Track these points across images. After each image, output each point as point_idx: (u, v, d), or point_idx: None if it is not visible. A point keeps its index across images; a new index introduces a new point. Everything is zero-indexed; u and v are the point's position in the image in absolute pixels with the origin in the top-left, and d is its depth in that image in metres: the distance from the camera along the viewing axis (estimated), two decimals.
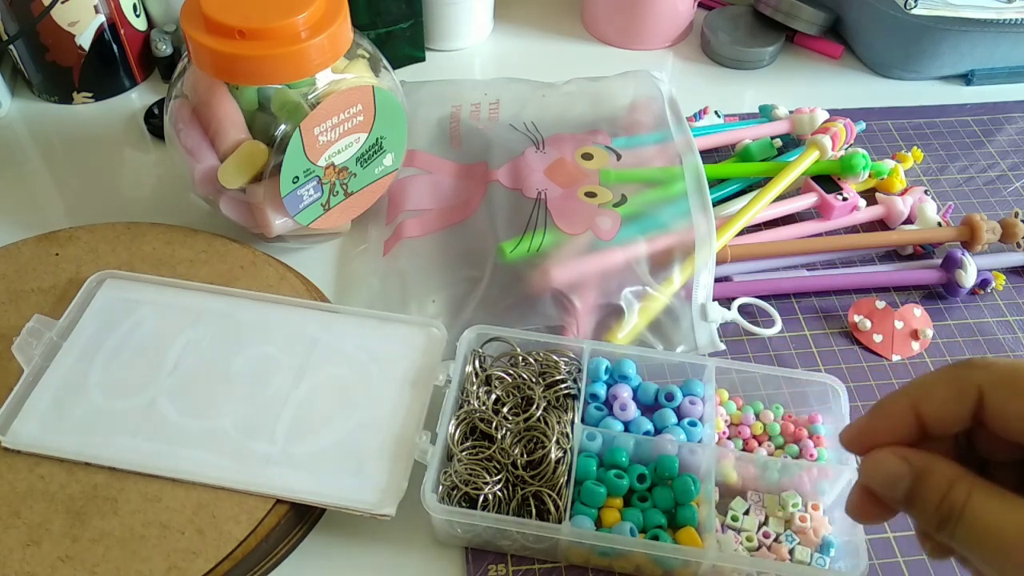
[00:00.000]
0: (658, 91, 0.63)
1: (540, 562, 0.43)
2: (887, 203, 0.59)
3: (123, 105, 0.68)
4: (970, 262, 0.54)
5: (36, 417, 0.44)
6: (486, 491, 0.41)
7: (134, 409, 0.44)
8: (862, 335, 0.53)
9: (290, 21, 0.46)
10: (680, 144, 0.58)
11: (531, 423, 0.43)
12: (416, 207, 0.58)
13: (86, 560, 0.39)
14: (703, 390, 0.46)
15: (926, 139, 0.67)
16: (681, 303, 0.51)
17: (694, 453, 0.43)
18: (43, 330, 0.47)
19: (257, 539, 0.40)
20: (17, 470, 0.42)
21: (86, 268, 0.51)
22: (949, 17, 0.67)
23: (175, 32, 0.68)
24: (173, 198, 0.61)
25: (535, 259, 0.51)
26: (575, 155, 0.58)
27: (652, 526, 0.41)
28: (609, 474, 0.42)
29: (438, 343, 0.48)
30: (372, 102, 0.51)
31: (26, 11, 0.61)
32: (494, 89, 0.66)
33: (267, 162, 0.49)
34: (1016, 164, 0.65)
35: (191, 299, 0.49)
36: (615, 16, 0.75)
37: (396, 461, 0.43)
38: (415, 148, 0.61)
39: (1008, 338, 0.53)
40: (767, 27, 0.75)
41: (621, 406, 0.45)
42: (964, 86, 0.73)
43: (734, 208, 0.57)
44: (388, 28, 0.69)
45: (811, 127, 0.63)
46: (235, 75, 0.48)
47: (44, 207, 0.60)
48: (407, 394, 0.45)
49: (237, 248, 0.53)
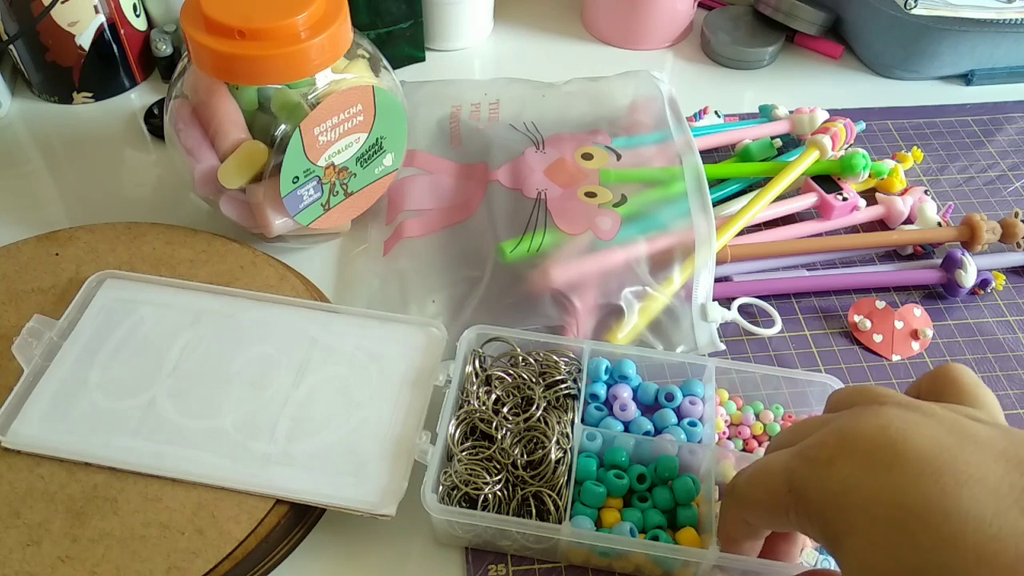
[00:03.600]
0: (658, 91, 0.63)
1: (540, 562, 0.43)
2: (887, 203, 0.59)
3: (123, 105, 0.68)
4: (970, 262, 0.54)
5: (36, 417, 0.44)
6: (486, 491, 0.41)
7: (134, 409, 0.44)
8: (862, 335, 0.53)
9: (290, 21, 0.46)
10: (680, 144, 0.58)
11: (531, 423, 0.43)
12: (416, 207, 0.58)
13: (86, 560, 0.39)
14: (703, 390, 0.46)
15: (926, 139, 0.67)
16: (681, 303, 0.51)
17: (694, 453, 0.43)
18: (43, 330, 0.47)
19: (257, 539, 0.40)
20: (17, 470, 0.42)
21: (86, 268, 0.51)
22: (949, 17, 0.67)
23: (175, 32, 0.68)
24: (173, 198, 0.61)
25: (535, 259, 0.51)
26: (575, 155, 0.58)
27: (652, 526, 0.41)
28: (609, 474, 0.42)
29: (438, 343, 0.48)
30: (372, 102, 0.51)
31: (26, 11, 0.61)
32: (494, 89, 0.66)
33: (267, 162, 0.49)
34: (1016, 164, 0.65)
35: (191, 299, 0.49)
36: (615, 16, 0.75)
37: (396, 461, 0.43)
38: (415, 148, 0.61)
39: (1008, 338, 0.54)
40: (767, 27, 0.75)
41: (621, 406, 0.45)
42: (964, 86, 0.73)
43: (734, 208, 0.57)
44: (388, 28, 0.69)
45: (811, 127, 0.63)
46: (235, 75, 0.48)
47: (44, 207, 0.60)
48: (407, 394, 0.45)
49: (237, 248, 0.53)
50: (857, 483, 0.28)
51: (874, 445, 0.29)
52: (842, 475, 0.29)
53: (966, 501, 0.26)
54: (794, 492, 0.30)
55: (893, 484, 0.27)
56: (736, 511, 0.35)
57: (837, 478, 0.29)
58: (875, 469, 0.28)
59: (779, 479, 0.31)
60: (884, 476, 0.28)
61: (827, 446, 0.30)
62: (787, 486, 0.31)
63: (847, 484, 0.28)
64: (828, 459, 0.29)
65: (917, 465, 0.27)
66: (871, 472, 0.28)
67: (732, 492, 0.35)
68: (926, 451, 0.27)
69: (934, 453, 0.27)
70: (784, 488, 0.31)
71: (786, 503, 0.31)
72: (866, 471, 0.28)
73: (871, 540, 0.27)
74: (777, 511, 0.31)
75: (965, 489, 0.26)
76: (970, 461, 0.27)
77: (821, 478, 0.29)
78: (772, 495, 0.32)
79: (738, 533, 0.36)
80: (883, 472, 0.28)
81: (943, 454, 0.27)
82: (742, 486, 0.34)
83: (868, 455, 0.28)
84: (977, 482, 0.26)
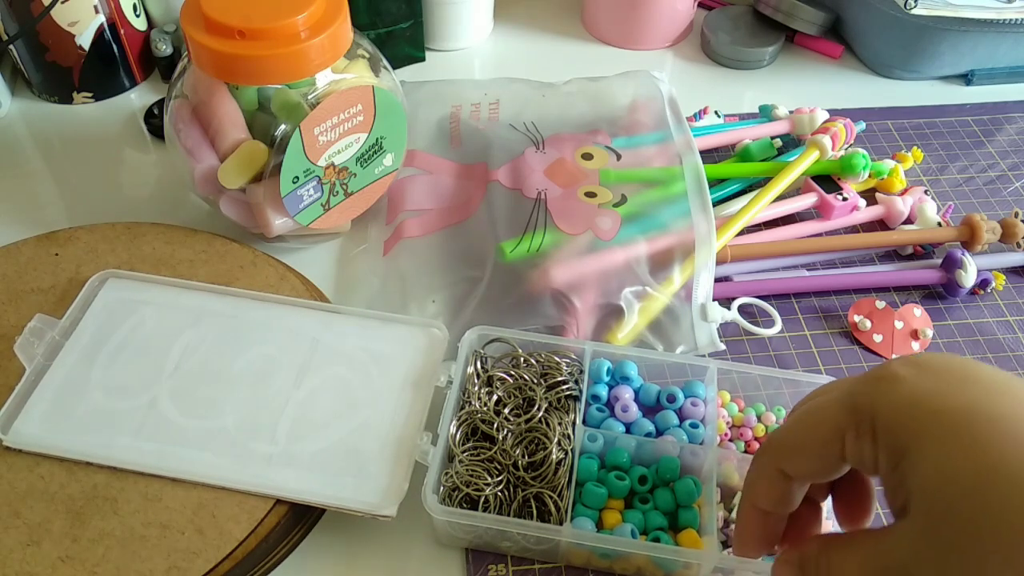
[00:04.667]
0: (658, 91, 0.63)
1: (541, 563, 0.43)
2: (887, 203, 0.59)
3: (123, 105, 0.68)
4: (970, 262, 0.54)
5: (37, 416, 0.44)
6: (487, 492, 0.41)
7: (135, 409, 0.44)
8: (862, 335, 0.53)
9: (290, 21, 0.46)
10: (680, 144, 0.58)
11: (532, 424, 0.43)
12: (416, 207, 0.58)
13: (86, 560, 0.39)
14: (705, 392, 0.46)
15: (926, 139, 0.67)
16: (681, 303, 0.51)
17: (696, 455, 0.43)
18: (45, 329, 0.47)
19: (257, 539, 0.40)
20: (17, 470, 0.42)
21: (86, 268, 0.51)
22: (949, 17, 0.67)
23: (175, 32, 0.68)
24: (173, 198, 0.61)
25: (535, 259, 0.51)
26: (575, 155, 0.58)
27: (653, 528, 0.41)
28: (610, 476, 0.42)
29: (439, 344, 0.47)
30: (372, 102, 0.51)
31: (26, 11, 0.61)
32: (494, 89, 0.66)
33: (267, 162, 0.49)
34: (1016, 164, 0.65)
35: (193, 299, 0.49)
36: (615, 16, 0.75)
37: (397, 462, 0.43)
38: (415, 148, 0.61)
39: (1008, 338, 0.54)
40: (767, 27, 0.75)
41: (623, 408, 0.45)
42: (964, 86, 0.73)
43: (734, 208, 0.57)
44: (388, 28, 0.69)
45: (811, 127, 0.63)
46: (235, 75, 0.48)
47: (44, 207, 0.60)
48: (408, 395, 0.45)
49: (237, 248, 0.53)
50: (929, 394, 0.29)
51: (945, 367, 0.30)
52: (913, 389, 0.29)
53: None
54: (856, 412, 0.30)
55: (967, 394, 0.28)
56: (774, 460, 0.33)
57: (906, 391, 0.29)
58: (949, 383, 0.29)
59: (835, 407, 0.31)
60: (957, 388, 0.28)
61: (893, 367, 0.30)
62: (847, 409, 0.30)
63: (918, 396, 0.29)
64: (893, 376, 0.30)
65: (988, 383, 0.29)
66: (944, 385, 0.29)
67: (769, 444, 0.33)
68: (993, 375, 0.29)
69: (1002, 378, 0.29)
70: (843, 412, 0.30)
71: (844, 426, 0.30)
72: (939, 384, 0.29)
73: (944, 444, 0.27)
74: (832, 442, 0.30)
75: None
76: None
77: (889, 392, 0.29)
78: (826, 424, 0.31)
79: (771, 494, 0.33)
80: (956, 385, 0.29)
81: (1010, 380, 0.29)
82: (783, 432, 0.33)
83: (940, 373, 0.29)
84: None
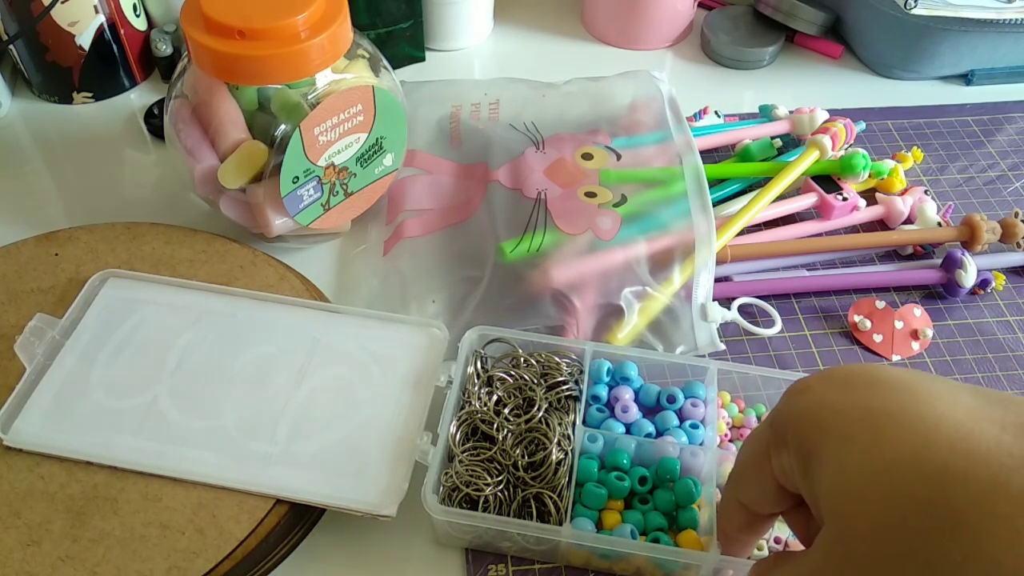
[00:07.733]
0: (658, 91, 0.63)
1: (540, 563, 0.43)
2: (887, 203, 0.59)
3: (123, 105, 0.68)
4: (970, 262, 0.54)
5: (38, 416, 0.44)
6: (487, 492, 0.41)
7: (135, 408, 0.44)
8: (862, 335, 0.53)
9: (290, 21, 0.46)
10: (680, 144, 0.58)
11: (532, 424, 0.43)
12: (416, 207, 0.58)
13: (86, 560, 0.39)
14: (705, 393, 0.46)
15: (926, 139, 0.67)
16: (681, 303, 0.51)
17: (696, 456, 0.43)
18: (46, 329, 0.47)
19: (257, 539, 0.40)
20: (17, 470, 0.42)
21: (86, 268, 0.51)
22: (949, 17, 0.67)
23: (175, 32, 0.68)
24: (173, 198, 0.61)
25: (535, 259, 0.51)
26: (575, 155, 0.58)
27: (653, 528, 0.41)
28: (610, 476, 0.42)
29: (439, 344, 0.47)
30: (372, 102, 0.51)
31: (26, 11, 0.61)
32: (494, 89, 0.66)
33: (267, 162, 0.49)
34: (1016, 164, 0.65)
35: (193, 299, 0.49)
36: (615, 16, 0.75)
37: (397, 462, 0.43)
38: (415, 148, 0.61)
39: (1008, 338, 0.54)
40: (767, 27, 0.75)
41: (623, 408, 0.45)
42: (964, 86, 0.73)
43: (734, 208, 0.57)
44: (388, 28, 0.69)
45: (811, 127, 0.63)
46: (235, 75, 0.48)
47: (44, 207, 0.60)
48: (408, 395, 0.45)
49: (237, 248, 0.53)
50: (834, 399, 0.29)
51: (851, 373, 0.30)
52: (820, 396, 0.30)
53: (939, 408, 0.27)
54: (774, 426, 0.31)
55: (870, 396, 0.28)
56: (732, 491, 0.35)
57: (813, 399, 0.30)
58: (855, 387, 0.29)
59: (763, 427, 0.33)
60: (862, 391, 0.29)
61: (807, 380, 0.31)
62: (769, 425, 0.32)
63: (823, 401, 0.29)
64: (804, 388, 0.31)
65: (892, 385, 0.29)
66: (850, 389, 0.29)
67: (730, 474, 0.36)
68: (899, 376, 0.29)
69: (907, 377, 0.29)
70: (767, 430, 0.32)
71: (768, 443, 0.31)
72: (843, 390, 0.29)
73: (845, 442, 0.28)
74: (762, 461, 0.32)
75: (938, 402, 0.27)
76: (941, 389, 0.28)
77: (799, 401, 0.30)
78: (758, 444, 0.32)
79: (735, 522, 0.36)
80: (862, 389, 0.29)
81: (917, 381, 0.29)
82: (736, 462, 0.35)
83: (847, 379, 0.30)
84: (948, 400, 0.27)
